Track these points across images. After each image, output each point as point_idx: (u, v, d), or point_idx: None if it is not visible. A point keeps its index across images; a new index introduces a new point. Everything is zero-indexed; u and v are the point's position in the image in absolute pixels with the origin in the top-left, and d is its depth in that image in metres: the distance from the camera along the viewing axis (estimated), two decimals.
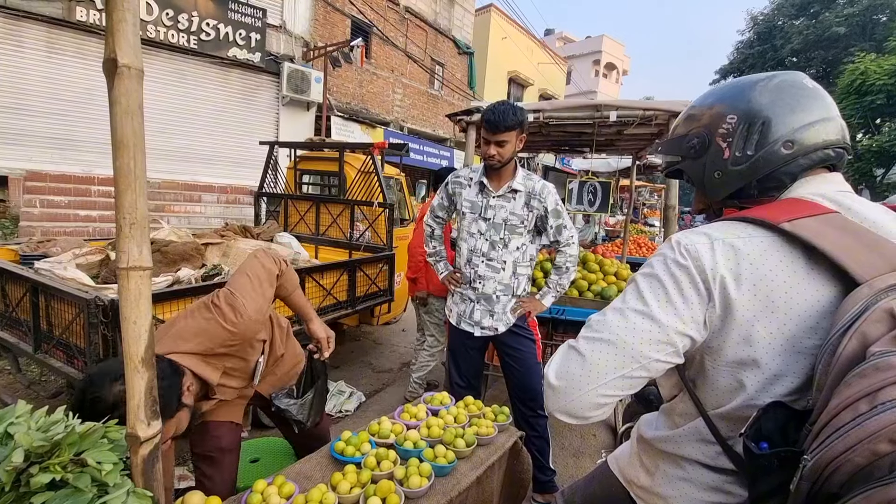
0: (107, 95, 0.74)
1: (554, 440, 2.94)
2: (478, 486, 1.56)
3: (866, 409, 0.53)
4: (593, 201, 3.98)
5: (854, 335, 0.60)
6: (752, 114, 0.79)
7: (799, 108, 0.77)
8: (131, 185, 0.74)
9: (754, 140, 0.79)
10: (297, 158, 4.69)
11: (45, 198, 6.84)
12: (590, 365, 0.77)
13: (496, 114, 2.02)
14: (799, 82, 0.79)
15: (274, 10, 9.27)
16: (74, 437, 0.78)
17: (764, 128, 0.78)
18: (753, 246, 0.72)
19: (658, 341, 0.74)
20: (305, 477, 1.46)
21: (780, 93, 0.79)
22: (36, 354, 2.35)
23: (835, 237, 0.69)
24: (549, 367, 0.83)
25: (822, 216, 0.72)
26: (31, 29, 6.78)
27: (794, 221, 0.71)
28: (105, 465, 0.78)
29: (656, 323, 0.74)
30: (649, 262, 0.80)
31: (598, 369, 0.76)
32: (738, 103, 0.81)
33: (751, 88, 0.81)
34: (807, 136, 0.77)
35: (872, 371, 0.54)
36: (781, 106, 0.78)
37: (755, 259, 0.71)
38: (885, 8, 20.54)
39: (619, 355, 0.75)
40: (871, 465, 0.51)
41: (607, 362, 0.76)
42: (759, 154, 0.79)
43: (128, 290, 0.76)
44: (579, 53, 30.79)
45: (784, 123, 0.77)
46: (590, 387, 0.76)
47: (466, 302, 2.26)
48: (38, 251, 2.91)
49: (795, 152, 0.77)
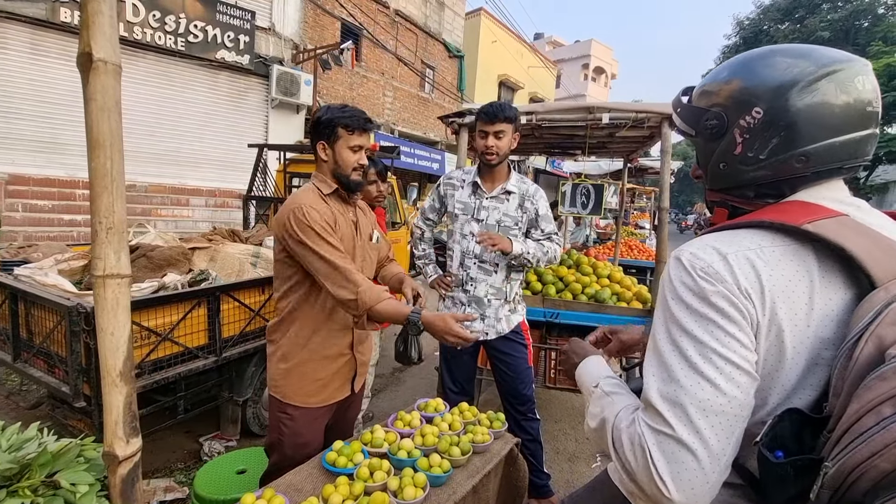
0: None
1: (549, 444, 2.91)
2: (474, 494, 1.52)
3: (890, 413, 0.51)
4: (586, 204, 3.97)
5: (870, 339, 0.58)
6: (780, 115, 0.70)
7: (833, 124, 0.68)
8: (108, 186, 0.69)
9: (771, 145, 0.71)
10: (287, 161, 4.64)
11: (28, 202, 6.70)
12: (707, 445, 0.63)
13: (493, 106, 2.06)
14: (848, 85, 0.67)
15: (263, 12, 9.19)
16: (47, 456, 0.73)
17: (786, 134, 0.70)
18: (768, 257, 0.67)
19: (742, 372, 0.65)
20: (296, 489, 1.42)
21: (822, 103, 0.68)
22: (15, 364, 2.28)
23: (855, 239, 0.64)
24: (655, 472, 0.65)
25: (836, 218, 0.67)
26: (14, 30, 6.63)
27: (816, 223, 0.66)
28: (80, 487, 0.73)
29: (740, 370, 0.65)
30: (672, 297, 0.70)
31: (715, 449, 0.64)
32: (772, 97, 0.70)
33: (792, 85, 0.69)
34: (826, 155, 0.69)
35: (893, 374, 0.53)
36: (816, 118, 0.68)
37: (773, 271, 0.66)
38: (867, 13, 20.98)
39: (722, 418, 0.64)
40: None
41: (716, 433, 0.64)
42: (769, 161, 0.72)
43: (104, 299, 0.72)
44: (568, 57, 31.04)
45: (809, 137, 0.69)
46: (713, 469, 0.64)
47: (458, 306, 2.23)
48: (18, 257, 2.83)
49: (806, 167, 0.71)
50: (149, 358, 2.16)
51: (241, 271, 2.84)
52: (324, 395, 1.64)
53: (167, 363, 2.27)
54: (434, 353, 3.49)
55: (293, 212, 1.48)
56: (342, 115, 1.55)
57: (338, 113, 1.56)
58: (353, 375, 1.72)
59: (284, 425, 1.62)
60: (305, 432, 1.64)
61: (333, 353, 1.64)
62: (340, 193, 1.64)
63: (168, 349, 2.27)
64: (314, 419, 1.65)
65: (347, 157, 1.58)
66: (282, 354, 1.62)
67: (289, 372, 1.61)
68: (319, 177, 1.63)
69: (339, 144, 1.57)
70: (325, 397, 1.65)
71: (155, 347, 2.18)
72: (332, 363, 1.65)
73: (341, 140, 1.57)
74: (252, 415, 2.83)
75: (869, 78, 0.69)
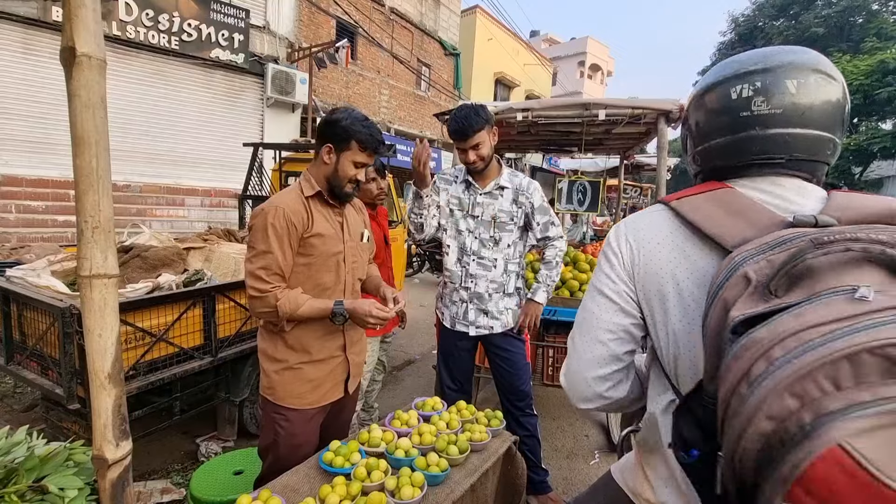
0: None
1: (547, 441, 2.91)
2: (472, 493, 1.52)
3: (746, 391, 0.50)
4: (583, 200, 3.96)
5: (717, 303, 0.59)
6: (686, 124, 0.87)
7: (705, 131, 0.82)
8: (93, 184, 0.68)
9: (688, 147, 0.88)
10: (283, 160, 4.61)
11: (22, 203, 6.64)
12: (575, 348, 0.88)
13: (459, 121, 1.99)
14: (723, 97, 0.78)
15: (257, 10, 9.13)
16: (35, 461, 0.71)
17: (688, 140, 0.87)
18: (646, 223, 0.82)
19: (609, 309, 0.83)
20: (292, 490, 1.40)
21: (701, 114, 0.82)
22: (8, 366, 2.26)
23: (707, 210, 0.73)
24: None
25: (710, 192, 0.76)
26: (5, 29, 6.57)
27: (684, 198, 0.77)
28: (69, 492, 0.71)
29: (604, 296, 0.84)
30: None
31: (579, 348, 0.86)
32: (688, 108, 0.87)
33: (692, 99, 0.85)
34: (705, 156, 0.83)
35: (743, 351, 0.52)
36: (695, 126, 0.84)
37: (645, 234, 0.80)
38: (861, 10, 21.04)
39: (587, 329, 0.86)
40: (765, 446, 0.48)
41: (583, 338, 0.86)
42: (689, 159, 0.89)
43: (91, 300, 0.70)
44: (564, 55, 30.98)
45: (694, 143, 0.85)
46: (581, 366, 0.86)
47: (458, 303, 2.22)
48: (10, 258, 2.80)
49: (700, 166, 0.85)
50: (144, 359, 2.14)
51: (236, 271, 2.82)
52: (316, 395, 1.63)
53: (163, 364, 2.25)
54: (432, 351, 3.48)
55: (254, 215, 1.53)
56: (361, 128, 1.53)
57: (358, 125, 1.53)
58: (347, 377, 1.71)
59: (279, 426, 1.60)
60: (300, 433, 1.62)
61: (324, 355, 1.62)
62: (324, 197, 1.60)
63: (163, 350, 2.25)
64: (308, 420, 1.63)
65: (348, 170, 1.56)
66: (272, 357, 1.60)
67: (280, 374, 1.59)
68: (307, 176, 1.60)
69: (346, 155, 1.55)
70: (317, 398, 1.63)
71: (150, 348, 2.16)
72: (325, 365, 1.63)
73: (350, 152, 1.54)
74: (249, 415, 2.81)
75: (751, 87, 0.74)
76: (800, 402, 0.47)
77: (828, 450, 0.43)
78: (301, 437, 1.63)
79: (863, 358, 0.45)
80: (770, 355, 0.50)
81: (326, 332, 1.62)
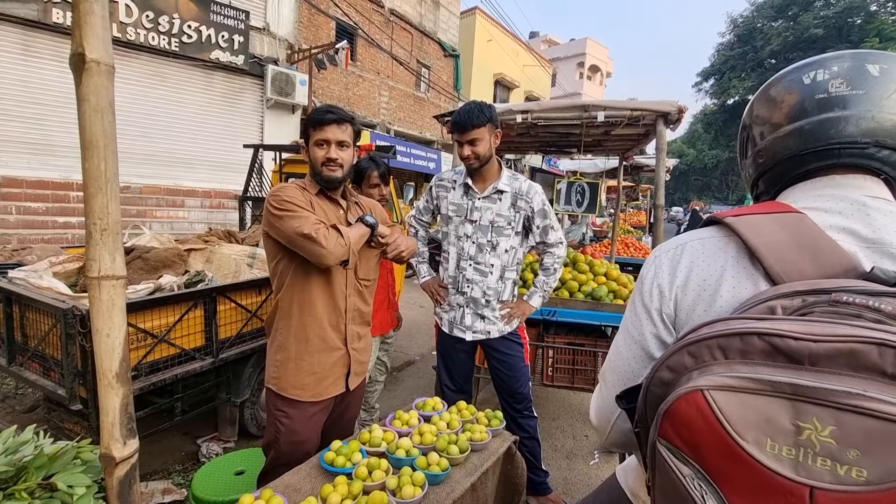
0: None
1: (546, 442, 2.92)
2: (472, 492, 1.53)
3: (667, 350, 0.62)
4: (581, 202, 3.98)
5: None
6: (747, 121, 0.81)
7: (777, 120, 0.74)
8: (102, 188, 0.69)
9: (748, 147, 0.81)
10: (283, 161, 4.62)
11: (22, 204, 6.65)
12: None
13: (461, 114, 2.03)
14: (794, 83, 0.72)
15: (257, 12, 9.15)
16: (43, 459, 0.72)
17: (749, 135, 0.80)
18: (694, 247, 0.73)
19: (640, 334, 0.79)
20: (294, 489, 1.42)
21: (768, 104, 0.76)
22: (10, 367, 2.27)
23: (771, 235, 0.64)
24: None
25: (776, 214, 0.67)
26: (5, 31, 6.58)
27: (741, 217, 0.69)
28: (77, 489, 0.72)
29: (638, 345, 0.77)
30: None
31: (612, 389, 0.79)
32: (747, 111, 0.82)
33: (755, 100, 0.80)
34: (774, 147, 0.74)
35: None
36: (763, 117, 0.77)
37: (691, 260, 0.72)
38: (859, 10, 21.09)
39: (619, 373, 0.80)
40: (662, 393, 0.57)
41: (613, 376, 0.81)
42: (748, 161, 0.81)
43: (100, 300, 0.71)
44: (564, 56, 31.05)
45: (759, 135, 0.77)
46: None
47: (455, 308, 2.23)
48: (12, 259, 2.81)
49: (767, 162, 0.76)
50: (145, 360, 2.15)
51: (237, 272, 2.83)
52: (318, 388, 1.66)
53: (164, 365, 2.26)
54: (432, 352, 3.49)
55: (270, 195, 1.57)
56: (312, 114, 1.62)
57: (311, 114, 1.62)
58: (348, 372, 1.73)
59: (281, 423, 1.64)
60: (301, 430, 1.65)
61: (327, 346, 1.67)
62: (326, 193, 1.68)
63: (165, 351, 2.26)
64: (310, 416, 1.66)
65: (315, 154, 1.62)
66: (278, 346, 1.66)
67: (284, 363, 1.64)
68: (308, 179, 1.69)
69: (311, 143, 1.62)
70: (319, 391, 1.66)
71: (151, 349, 2.17)
72: (327, 357, 1.67)
73: (311, 139, 1.61)
74: (250, 416, 2.82)
75: (827, 71, 0.69)
76: (694, 361, 0.55)
77: (691, 393, 0.51)
78: (302, 434, 1.66)
79: (752, 340, 0.51)
80: (699, 330, 0.57)
81: (327, 323, 1.66)
